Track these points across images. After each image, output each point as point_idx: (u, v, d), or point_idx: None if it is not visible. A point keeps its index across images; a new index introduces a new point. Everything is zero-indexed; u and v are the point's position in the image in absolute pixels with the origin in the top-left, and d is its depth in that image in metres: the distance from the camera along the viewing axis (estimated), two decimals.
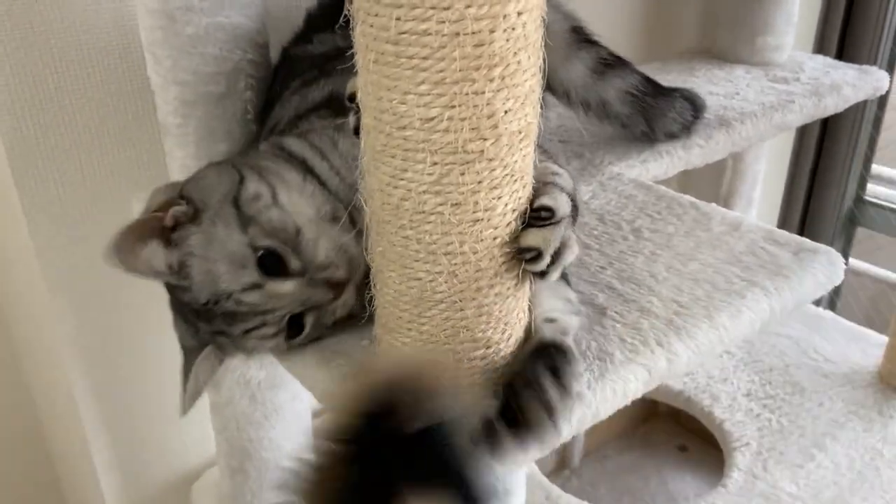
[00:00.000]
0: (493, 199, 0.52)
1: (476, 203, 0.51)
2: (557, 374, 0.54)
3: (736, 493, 1.15)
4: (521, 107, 0.50)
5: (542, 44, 0.50)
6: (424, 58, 0.46)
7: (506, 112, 0.49)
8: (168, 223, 0.65)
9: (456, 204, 0.51)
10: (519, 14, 0.47)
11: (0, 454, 1.29)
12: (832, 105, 1.25)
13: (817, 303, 1.78)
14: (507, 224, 0.53)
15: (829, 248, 0.79)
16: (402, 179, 0.51)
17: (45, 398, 1.23)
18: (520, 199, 0.53)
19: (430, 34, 0.46)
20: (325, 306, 0.65)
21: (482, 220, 0.52)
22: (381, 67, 0.48)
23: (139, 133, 0.95)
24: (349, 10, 0.49)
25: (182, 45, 0.77)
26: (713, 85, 1.29)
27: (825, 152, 1.75)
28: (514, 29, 0.47)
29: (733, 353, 1.45)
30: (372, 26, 0.47)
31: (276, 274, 0.63)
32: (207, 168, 0.72)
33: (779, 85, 1.28)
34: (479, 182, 0.50)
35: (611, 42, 1.40)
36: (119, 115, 0.94)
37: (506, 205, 0.52)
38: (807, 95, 1.23)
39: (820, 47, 1.62)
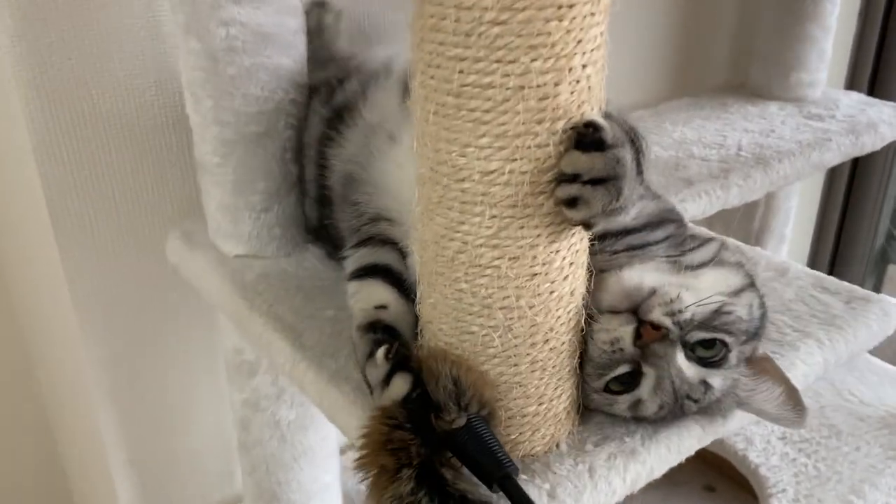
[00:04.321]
0: (552, 252, 0.50)
1: (534, 257, 0.50)
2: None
3: None
4: None
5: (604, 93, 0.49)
6: (486, 111, 0.45)
7: None
8: None
9: (514, 258, 0.49)
10: (584, 67, 0.46)
11: (19, 488, 1.28)
12: (869, 143, 1.23)
13: None
14: (564, 278, 0.52)
15: (882, 296, 0.77)
16: (458, 232, 0.50)
17: (69, 431, 1.22)
18: (577, 251, 0.52)
19: (493, 87, 0.45)
20: None
21: (540, 273, 0.50)
22: (440, 119, 0.47)
23: (173, 168, 0.95)
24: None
25: (224, 86, 0.77)
26: (747, 122, 1.28)
27: (856, 188, 1.72)
28: (578, 81, 0.46)
29: None
30: (433, 78, 0.46)
31: None
32: None
33: (814, 122, 1.26)
34: (538, 236, 0.49)
35: (642, 78, 1.40)
36: (153, 150, 0.94)
37: (563, 258, 0.51)
38: (843, 133, 1.21)
39: (851, 83, 1.61)
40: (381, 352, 0.55)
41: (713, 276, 0.59)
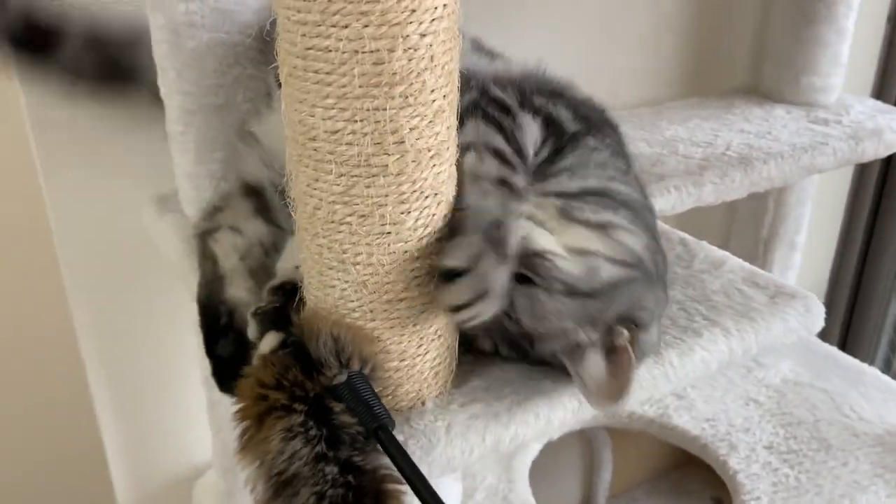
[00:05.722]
0: (401, 213, 0.53)
1: (383, 216, 0.53)
2: None
3: None
4: (428, 125, 0.51)
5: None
6: (328, 73, 0.49)
7: (411, 129, 0.50)
8: None
9: (363, 215, 0.52)
10: (422, 36, 0.48)
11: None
12: (871, 150, 1.19)
13: (870, 360, 1.68)
14: (419, 239, 0.54)
15: (809, 293, 0.76)
16: (315, 189, 0.53)
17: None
18: (433, 215, 0.54)
19: (331, 51, 0.48)
20: None
21: (390, 233, 0.53)
22: (293, 80, 0.51)
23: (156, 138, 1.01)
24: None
25: (185, 58, 0.82)
26: (747, 123, 1.26)
27: (885, 198, 1.66)
28: (416, 49, 0.48)
29: (761, 402, 1.39)
30: (286, 41, 0.50)
31: None
32: None
33: (817, 126, 1.23)
34: (386, 196, 0.52)
35: (655, 76, 1.39)
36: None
37: (416, 220, 0.54)
38: (843, 139, 1.18)
39: (879, 92, 1.55)
40: (252, 309, 0.61)
41: (585, 234, 0.60)
